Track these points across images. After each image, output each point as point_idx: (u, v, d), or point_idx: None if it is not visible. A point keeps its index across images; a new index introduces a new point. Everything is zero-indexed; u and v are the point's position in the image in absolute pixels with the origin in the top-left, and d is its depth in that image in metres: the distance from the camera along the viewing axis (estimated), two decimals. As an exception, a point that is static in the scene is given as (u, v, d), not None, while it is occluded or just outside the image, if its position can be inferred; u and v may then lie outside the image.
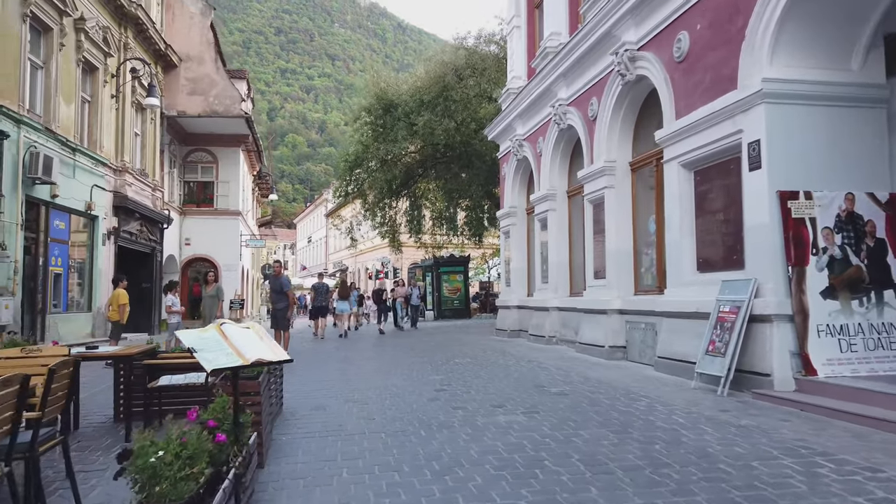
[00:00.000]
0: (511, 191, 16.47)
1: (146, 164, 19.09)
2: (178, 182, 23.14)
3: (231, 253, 23.73)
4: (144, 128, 19.10)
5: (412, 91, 21.39)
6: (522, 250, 16.27)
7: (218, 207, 23.82)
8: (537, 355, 11.33)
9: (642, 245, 10.64)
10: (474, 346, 13.42)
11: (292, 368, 9.99)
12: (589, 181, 11.49)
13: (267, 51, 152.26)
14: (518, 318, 15.94)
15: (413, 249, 39.25)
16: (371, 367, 10.08)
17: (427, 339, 16.40)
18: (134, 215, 17.53)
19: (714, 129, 7.84)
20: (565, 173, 13.71)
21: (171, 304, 11.35)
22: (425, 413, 6.19)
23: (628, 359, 10.33)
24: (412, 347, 13.73)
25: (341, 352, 13.06)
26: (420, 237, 26.40)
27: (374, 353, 12.59)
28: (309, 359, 11.71)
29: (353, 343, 15.84)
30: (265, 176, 30.51)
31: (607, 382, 7.93)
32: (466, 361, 10.54)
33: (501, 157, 17.27)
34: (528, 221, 16.27)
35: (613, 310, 10.61)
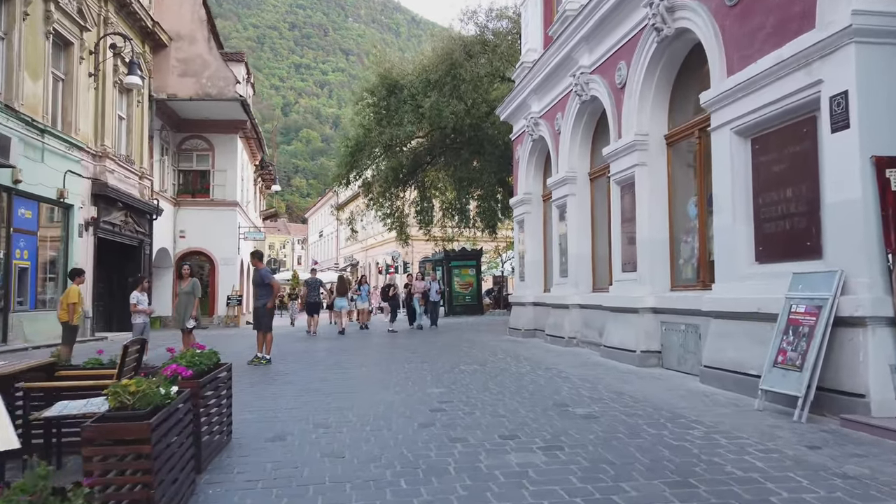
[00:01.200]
0: (525, 176, 14.91)
1: (132, 150, 17.75)
2: (171, 171, 21.82)
3: (229, 246, 22.39)
4: (130, 111, 17.76)
5: (418, 71, 19.83)
6: (538, 241, 14.72)
7: (214, 198, 22.47)
8: (556, 360, 9.80)
9: (680, 232, 9.06)
10: (484, 349, 11.92)
11: (269, 378, 8.54)
12: (616, 159, 9.92)
13: (281, 46, 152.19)
14: (533, 317, 14.40)
15: (424, 243, 37.89)
16: (361, 376, 8.61)
17: (433, 338, 14.91)
18: (116, 205, 16.20)
19: (780, 84, 6.25)
20: (587, 153, 12.13)
21: (137, 301, 9.95)
22: (413, 448, 4.70)
23: (664, 366, 8.78)
24: (414, 350, 12.25)
25: (333, 355, 11.61)
26: (429, 229, 24.89)
27: (370, 357, 11.13)
28: (294, 363, 10.28)
29: (350, 343, 14.39)
30: (268, 166, 29.15)
31: (645, 399, 6.39)
32: (473, 368, 9.03)
33: (515, 138, 15.71)
34: (544, 209, 14.71)
35: (646, 308, 9.05)
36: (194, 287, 10.70)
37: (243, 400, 6.76)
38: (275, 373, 9.08)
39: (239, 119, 22.10)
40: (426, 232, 24.47)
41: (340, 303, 18.19)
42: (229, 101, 20.01)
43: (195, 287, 10.73)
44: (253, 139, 24.67)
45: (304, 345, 14.07)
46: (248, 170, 26.87)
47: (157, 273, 21.65)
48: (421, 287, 18.49)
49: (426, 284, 18.50)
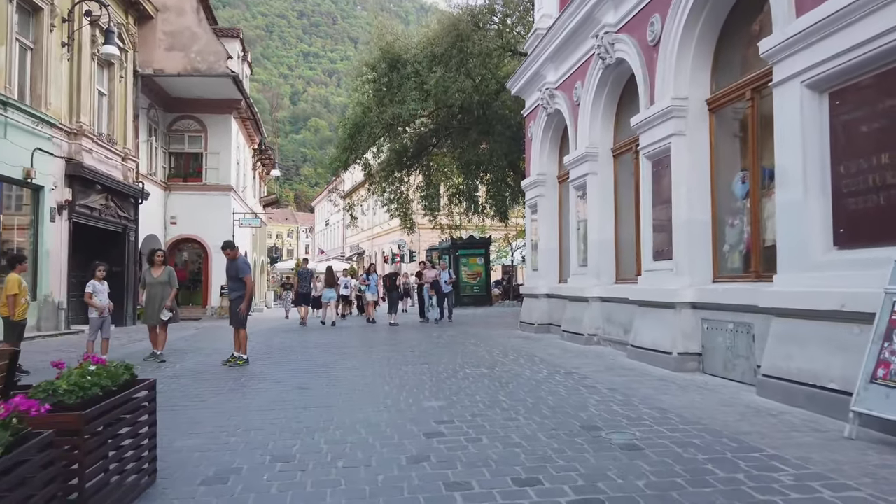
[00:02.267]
0: (539, 155, 13.53)
1: (114, 129, 16.49)
2: (161, 153, 20.56)
3: (222, 233, 21.02)
4: (111, 87, 16.48)
5: (423, 44, 18.39)
6: (553, 227, 13.36)
7: (207, 182, 21.20)
8: (577, 363, 8.47)
9: (725, 214, 7.70)
10: (493, 347, 10.61)
11: (240, 384, 7.27)
12: (647, 129, 8.53)
13: (290, 34, 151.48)
14: (548, 310, 13.08)
15: (430, 231, 36.58)
16: (348, 382, 7.31)
17: (438, 334, 13.61)
18: (95, 187, 14.96)
19: (873, 20, 4.87)
20: (610, 125, 10.74)
21: (92, 291, 8.69)
22: (395, 499, 3.40)
23: (705, 370, 7.44)
24: (415, 347, 10.96)
25: (323, 353, 10.33)
26: (435, 216, 23.53)
27: (364, 356, 9.85)
28: (276, 363, 9.01)
29: (345, 338, 13.12)
30: (267, 149, 27.83)
31: (697, 420, 5.06)
32: (481, 373, 7.72)
33: (527, 114, 14.31)
34: (559, 191, 13.35)
35: (683, 303, 7.69)
36: (170, 276, 9.42)
37: (195, 417, 5.49)
38: (249, 376, 7.81)
39: (233, 98, 20.78)
40: (432, 219, 23.11)
41: (329, 294, 17.63)
42: (220, 78, 18.68)
43: (171, 277, 9.45)
44: (249, 120, 23.35)
45: (294, 339, 12.81)
46: (245, 153, 25.58)
47: (146, 261, 20.45)
48: (431, 276, 17.02)
49: (436, 273, 17.03)
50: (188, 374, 8.00)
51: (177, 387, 7.11)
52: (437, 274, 16.83)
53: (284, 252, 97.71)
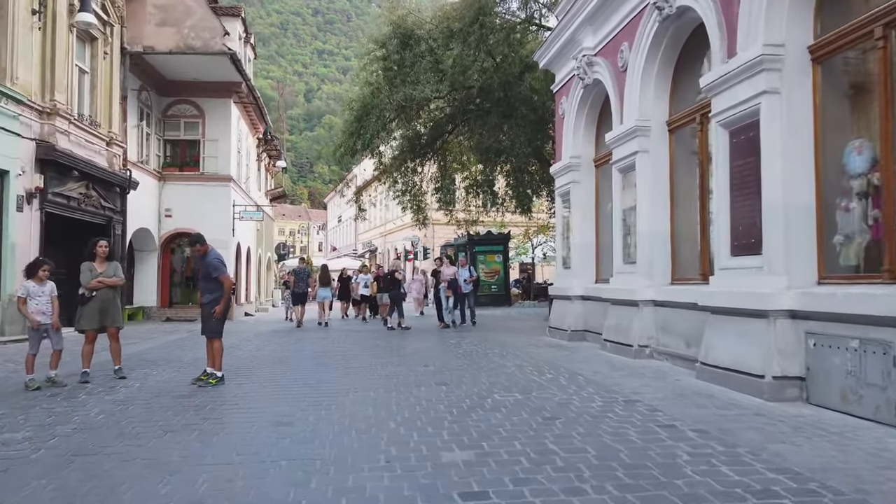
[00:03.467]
0: (573, 135, 11.74)
1: (98, 110, 14.90)
2: (154, 140, 18.97)
3: (221, 227, 19.50)
4: (94, 64, 14.89)
5: (438, 19, 16.61)
6: (589, 218, 11.58)
7: (205, 172, 19.58)
8: (633, 384, 6.70)
9: (832, 195, 5.89)
10: (523, 359, 8.86)
11: (199, 418, 5.56)
12: (726, 89, 6.73)
13: (304, 32, 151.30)
14: (583, 314, 11.31)
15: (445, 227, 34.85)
16: (342, 415, 5.58)
17: (455, 341, 11.87)
18: (71, 174, 13.36)
19: None
20: (665, 94, 8.93)
21: (25, 295, 7.02)
22: None
23: (810, 400, 5.66)
24: (429, 359, 9.24)
25: (319, 368, 8.63)
26: (451, 210, 21.77)
27: (367, 373, 8.13)
28: (256, 382, 7.31)
29: (348, 347, 11.42)
30: (272, 139, 26.20)
31: (857, 495, 3.29)
32: (515, 401, 5.97)
33: (559, 88, 12.52)
34: (596, 177, 11.56)
35: (779, 310, 5.90)
36: (117, 273, 7.74)
37: (115, 478, 3.79)
38: (218, 402, 6.11)
39: (232, 80, 19.13)
40: (447, 212, 21.34)
41: (324, 293, 17.11)
42: (217, 57, 17.03)
43: (117, 271, 7.77)
44: (251, 105, 21.68)
45: (289, 347, 11.11)
46: (248, 142, 23.95)
47: (138, 258, 18.95)
48: (449, 275, 15.06)
49: (454, 272, 15.08)
50: (144, 398, 6.32)
51: (120, 418, 5.44)
52: (455, 272, 14.98)
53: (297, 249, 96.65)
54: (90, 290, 7.47)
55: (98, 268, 7.57)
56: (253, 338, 13.01)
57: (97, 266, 7.58)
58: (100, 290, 7.55)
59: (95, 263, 7.64)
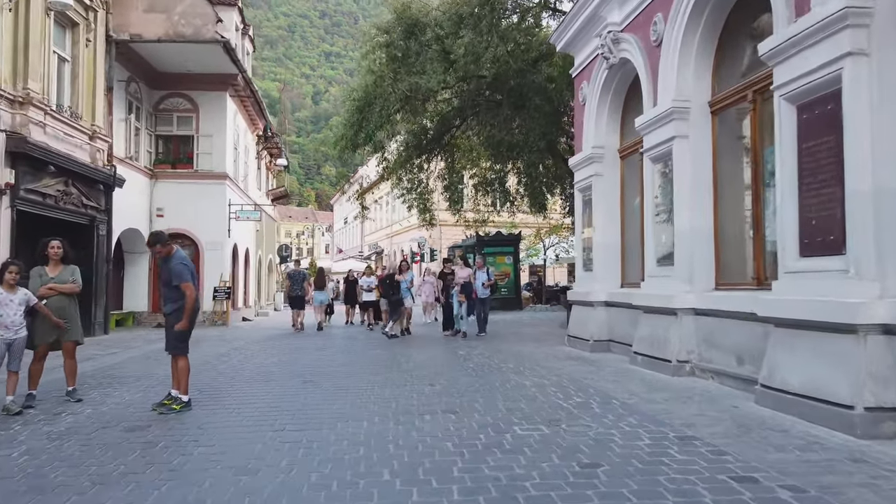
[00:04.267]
0: (595, 123, 10.57)
1: (79, 102, 13.85)
2: (145, 135, 17.91)
3: (216, 227, 18.47)
4: (76, 52, 13.84)
5: (446, 4, 15.46)
6: (613, 214, 10.40)
7: (199, 169, 18.51)
8: (682, 412, 5.52)
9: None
10: (543, 375, 7.69)
11: (146, 461, 4.43)
12: (791, 57, 5.56)
13: (311, 34, 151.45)
14: (606, 322, 10.13)
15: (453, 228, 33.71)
16: (322, 459, 4.44)
17: (465, 351, 10.71)
18: (47, 168, 12.30)
19: None
20: (706, 71, 7.75)
21: (-18, 302, 5.94)
22: None
23: (915, 438, 4.46)
24: (435, 376, 8.08)
25: (303, 388, 7.49)
26: (459, 209, 20.60)
27: (362, 394, 6.98)
28: (227, 408, 6.18)
29: (345, 358, 10.29)
30: (273, 136, 25.12)
31: None
32: (542, 437, 4.81)
33: (578, 73, 11.35)
34: (622, 169, 10.39)
35: (871, 324, 4.74)
36: (74, 277, 6.65)
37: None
38: (174, 437, 4.98)
39: (227, 72, 18.07)
40: (456, 210, 20.19)
41: (319, 297, 16.90)
42: (209, 45, 15.94)
43: (76, 278, 6.67)
44: (248, 99, 20.59)
45: (279, 359, 9.96)
46: (247, 139, 22.88)
47: (128, 260, 17.91)
48: (463, 277, 13.39)
49: (469, 274, 13.46)
50: (87, 431, 5.21)
51: (46, 461, 4.33)
52: (469, 274, 13.51)
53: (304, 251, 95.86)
54: (40, 298, 6.37)
55: (49, 272, 6.49)
56: (243, 347, 11.90)
57: (49, 270, 6.50)
58: (51, 299, 6.44)
59: (48, 268, 6.56)
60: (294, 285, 16.68)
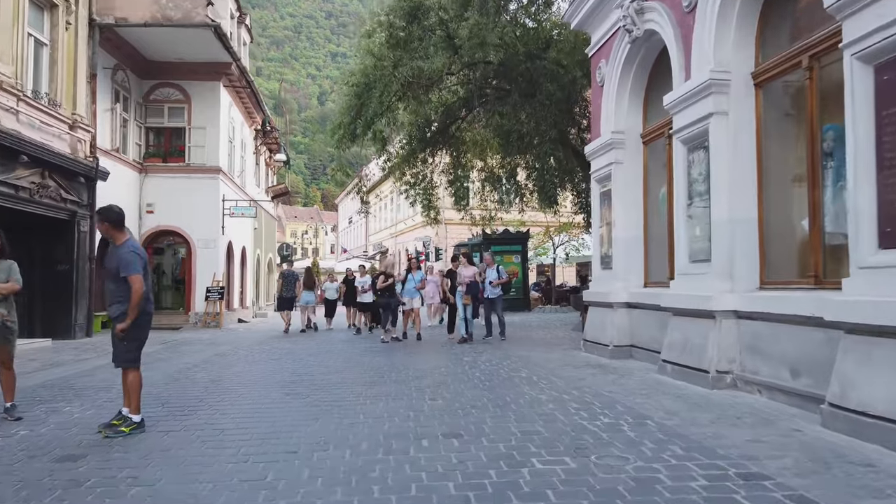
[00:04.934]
0: (614, 105, 9.57)
1: (59, 89, 12.95)
2: (135, 127, 17.01)
3: (209, 224, 17.54)
4: (55, 36, 12.94)
5: (452, -13, 14.43)
6: (635, 206, 9.40)
7: (191, 163, 17.59)
8: (737, 437, 4.51)
9: None
10: (562, 388, 6.69)
11: (85, 490, 3.46)
12: (864, 7, 4.56)
13: (318, 35, 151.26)
14: (628, 326, 9.14)
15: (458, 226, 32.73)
16: (284, 502, 3.49)
17: (469, 358, 9.73)
18: (19, 159, 11.39)
19: None
20: (749, 38, 6.74)
21: None
22: None
23: None
24: (437, 389, 7.11)
25: (280, 405, 6.53)
26: (464, 205, 19.57)
27: (348, 413, 6.02)
28: (185, 429, 5.22)
29: (335, 366, 9.32)
30: (271, 131, 24.17)
31: None
32: (565, 473, 3.81)
33: (595, 51, 10.36)
34: (645, 156, 9.39)
35: None
36: (11, 274, 5.71)
37: None
38: (106, 475, 3.99)
39: (220, 61, 17.14)
40: (461, 208, 19.16)
41: (307, 297, 16.32)
42: (199, 29, 15.01)
43: (13, 274, 5.73)
44: (244, 90, 19.62)
45: (260, 365, 8.99)
46: (243, 133, 21.92)
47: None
48: (468, 276, 12.26)
49: (476, 272, 12.38)
50: (8, 460, 4.26)
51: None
52: (475, 273, 12.38)
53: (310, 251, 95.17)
54: None
55: (-18, 269, 5.54)
56: (229, 352, 10.95)
57: (-23, 268, 5.55)
58: (-10, 303, 5.51)
59: (-23, 261, 5.62)
60: (286, 286, 16.12)
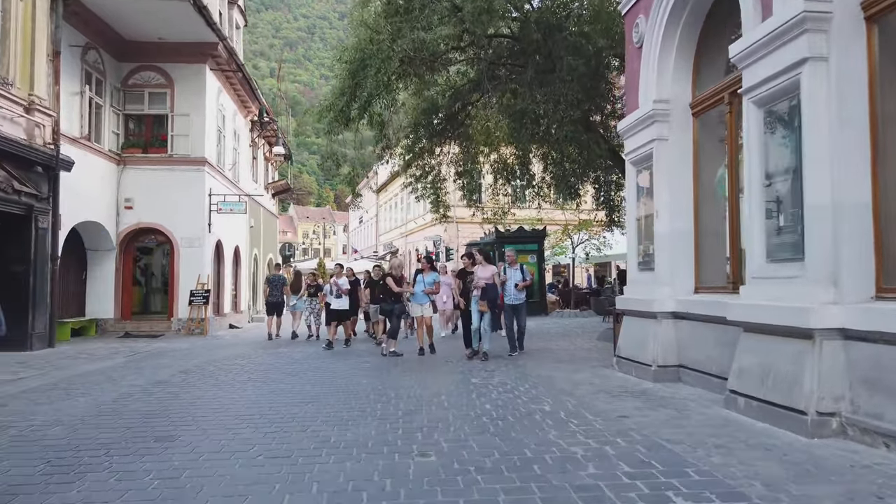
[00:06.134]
0: (657, 70, 7.77)
1: (11, 66, 11.38)
2: (111, 114, 15.43)
3: (194, 221, 15.92)
4: (7, 6, 11.36)
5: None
6: (684, 192, 7.60)
7: (174, 154, 15.97)
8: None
9: None
10: (595, 430, 4.93)
11: None
12: None
13: (331, 36, 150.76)
14: (676, 341, 7.36)
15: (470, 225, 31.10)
16: None
17: (478, 380, 8.00)
18: (-45, 143, 9.82)
19: None
20: (860, -46, 4.94)
21: None
22: None
23: None
24: (428, 432, 5.37)
25: (229, 453, 4.83)
26: (475, 200, 17.81)
27: (296, 466, 4.33)
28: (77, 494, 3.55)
29: (312, 388, 7.60)
30: (268, 122, 22.53)
31: None
32: None
33: (629, 7, 8.56)
34: (695, 131, 7.59)
35: None
36: None
37: None
38: None
39: (205, 41, 15.52)
40: (471, 203, 17.38)
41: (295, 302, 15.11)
42: (175, 2, 13.38)
43: None
44: (234, 75, 17.98)
45: (229, 384, 7.30)
46: (236, 123, 20.23)
47: (91, 259, 15.46)
48: (486, 277, 9.89)
49: (492, 274, 10.03)
50: None
51: None
52: (493, 274, 10.08)
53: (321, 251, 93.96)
54: None
55: None
56: (194, 370, 9.27)
57: None
58: None
59: None
60: (273, 290, 14.76)
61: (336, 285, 12.98)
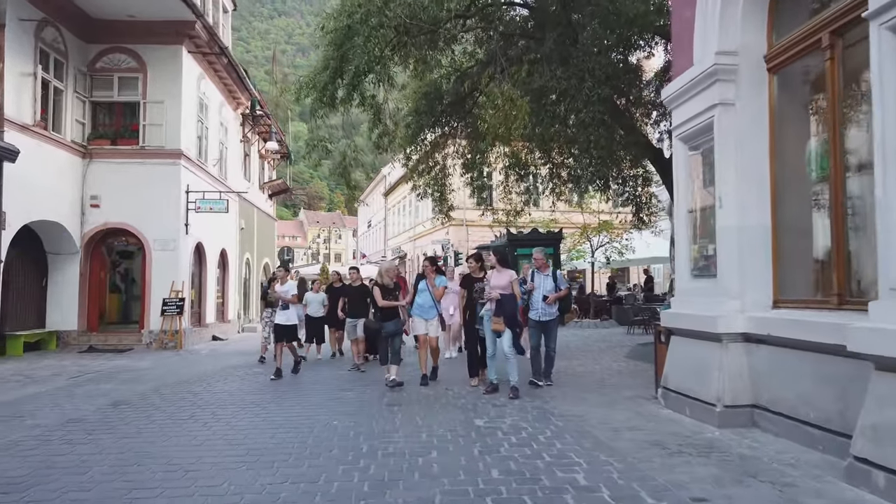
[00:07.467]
0: (718, 14, 5.89)
1: (-61, 36, 9.72)
2: (75, 102, 13.76)
3: (168, 220, 14.20)
4: (-67, -35, 9.73)
5: None
6: (758, 176, 5.70)
7: (146, 146, 14.27)
8: None
9: None
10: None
11: None
12: None
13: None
14: (749, 374, 5.46)
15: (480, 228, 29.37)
16: None
17: (483, 423, 6.17)
18: None
19: None
20: None
21: None
22: None
23: None
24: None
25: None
26: (484, 199, 15.95)
27: None
28: None
29: (276, 431, 5.79)
30: (261, 116, 20.79)
31: None
32: None
33: (681, -61, 6.71)
34: (771, 93, 5.68)
35: None
36: None
37: None
38: None
39: (181, 19, 13.84)
40: (480, 201, 15.54)
41: None
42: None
43: None
44: (218, 59, 16.22)
45: (153, 431, 5.49)
46: (222, 115, 18.45)
47: (52, 263, 13.76)
48: (501, 286, 7.58)
49: (509, 281, 7.65)
50: None
51: None
52: (510, 282, 7.66)
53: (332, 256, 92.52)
54: None
55: None
56: (134, 402, 7.47)
57: None
58: None
59: None
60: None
61: (277, 294, 9.79)
